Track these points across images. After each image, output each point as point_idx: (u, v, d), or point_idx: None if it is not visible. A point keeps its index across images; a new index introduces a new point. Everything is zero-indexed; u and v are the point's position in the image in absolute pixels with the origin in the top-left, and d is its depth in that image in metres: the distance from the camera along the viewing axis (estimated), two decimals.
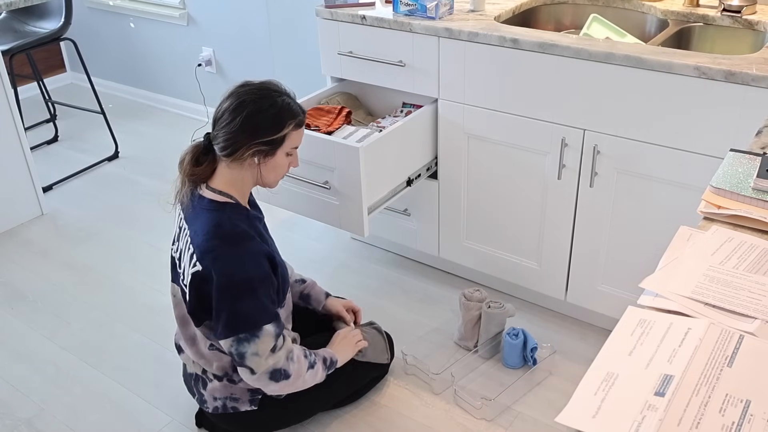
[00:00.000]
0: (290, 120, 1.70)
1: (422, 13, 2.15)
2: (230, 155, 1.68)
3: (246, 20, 3.45)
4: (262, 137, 1.67)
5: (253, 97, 1.67)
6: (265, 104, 1.67)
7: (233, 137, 1.66)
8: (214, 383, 1.83)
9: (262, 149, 1.69)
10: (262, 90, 1.70)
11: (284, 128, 1.69)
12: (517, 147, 2.14)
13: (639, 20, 2.28)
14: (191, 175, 1.72)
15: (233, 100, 1.68)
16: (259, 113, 1.66)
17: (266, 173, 1.74)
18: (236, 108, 1.67)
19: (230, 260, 1.63)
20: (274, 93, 1.70)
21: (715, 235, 1.11)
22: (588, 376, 0.86)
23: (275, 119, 1.68)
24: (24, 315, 2.50)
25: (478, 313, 2.18)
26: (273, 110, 1.68)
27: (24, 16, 3.51)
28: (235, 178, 1.73)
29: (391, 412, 2.04)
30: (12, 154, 2.95)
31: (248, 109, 1.66)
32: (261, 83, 1.73)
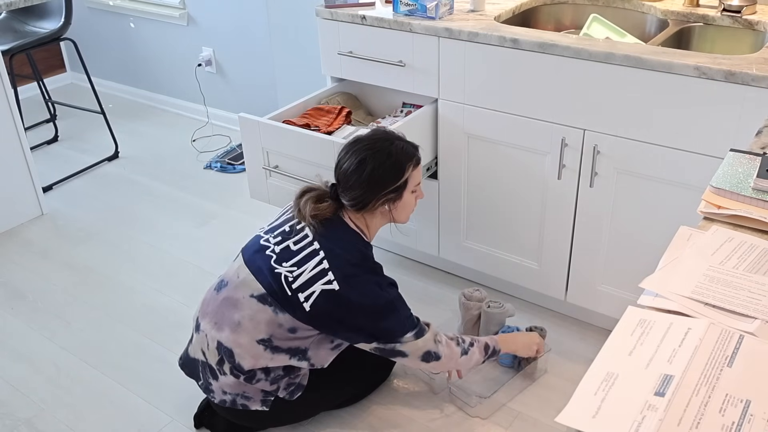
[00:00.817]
0: (408, 163, 1.82)
1: (422, 13, 2.15)
2: (362, 209, 1.82)
3: (246, 20, 3.45)
4: (387, 188, 1.80)
5: (369, 153, 1.78)
6: (383, 156, 1.78)
7: (361, 195, 1.79)
8: (227, 378, 1.81)
9: (390, 197, 1.81)
10: (377, 142, 1.81)
11: (405, 172, 1.82)
12: (517, 147, 2.14)
13: (639, 20, 2.28)
14: (313, 210, 1.80)
15: (352, 160, 1.78)
16: (380, 167, 1.78)
17: (397, 215, 1.88)
18: (357, 168, 1.77)
19: (373, 287, 1.76)
20: (387, 142, 1.81)
21: (715, 235, 1.11)
22: (588, 376, 0.86)
23: (396, 167, 1.80)
24: (24, 315, 2.50)
25: (477, 312, 2.18)
26: (391, 160, 1.79)
27: (24, 16, 3.51)
28: (368, 221, 1.86)
29: (392, 412, 2.04)
30: (12, 154, 2.95)
31: (369, 166, 1.77)
32: (373, 135, 1.84)
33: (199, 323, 1.88)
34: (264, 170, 2.27)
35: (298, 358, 1.80)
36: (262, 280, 1.77)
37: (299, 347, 1.79)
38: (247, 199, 3.11)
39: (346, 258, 1.75)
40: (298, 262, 1.75)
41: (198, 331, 1.88)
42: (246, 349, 1.77)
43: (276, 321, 1.75)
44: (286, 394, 1.84)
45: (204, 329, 1.85)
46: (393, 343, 1.78)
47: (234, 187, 3.27)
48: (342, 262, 1.74)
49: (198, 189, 3.27)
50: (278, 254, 1.78)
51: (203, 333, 1.85)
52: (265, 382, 1.81)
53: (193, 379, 1.92)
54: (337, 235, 1.79)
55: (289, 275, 1.74)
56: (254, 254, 1.83)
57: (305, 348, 1.80)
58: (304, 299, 1.73)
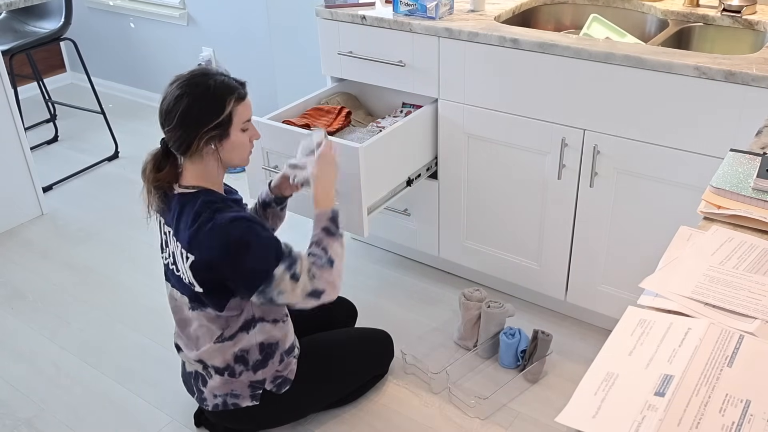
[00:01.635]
0: (229, 96, 1.66)
1: (422, 13, 2.15)
2: (186, 152, 1.67)
3: (246, 20, 3.45)
4: (207, 124, 1.64)
5: (186, 90, 1.64)
6: (199, 91, 1.64)
7: (181, 134, 1.65)
8: (214, 379, 1.82)
9: (213, 134, 1.66)
10: (192, 78, 1.66)
11: (226, 106, 1.66)
12: (517, 147, 2.14)
13: (639, 20, 2.28)
14: (155, 180, 1.72)
15: (169, 99, 1.65)
16: (195, 102, 1.63)
17: (228, 156, 1.71)
18: (174, 104, 1.64)
19: (213, 234, 1.62)
20: (205, 77, 1.66)
21: (715, 235, 1.11)
22: (588, 376, 0.86)
23: (213, 101, 1.64)
24: (24, 315, 2.50)
25: (477, 312, 2.18)
26: (208, 93, 1.64)
27: (24, 16, 3.51)
28: (201, 171, 1.71)
29: (391, 412, 2.04)
30: (12, 154, 2.95)
31: (185, 101, 1.63)
32: (189, 73, 1.68)
33: (177, 344, 1.92)
34: (264, 170, 2.27)
35: (254, 326, 1.77)
36: (182, 289, 1.78)
37: (245, 319, 1.77)
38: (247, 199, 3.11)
39: (187, 223, 1.67)
40: (173, 254, 1.74)
41: (180, 351, 1.92)
42: (211, 353, 1.80)
43: (207, 315, 1.76)
44: (273, 387, 1.84)
45: (182, 347, 1.90)
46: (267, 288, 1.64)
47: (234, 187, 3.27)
48: (183, 231, 1.67)
49: None
50: (172, 261, 1.77)
51: (183, 353, 1.90)
52: (248, 372, 1.81)
53: (191, 394, 1.95)
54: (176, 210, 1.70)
55: (177, 271, 1.75)
56: (167, 272, 1.83)
57: (250, 316, 1.77)
58: (191, 283, 1.71)
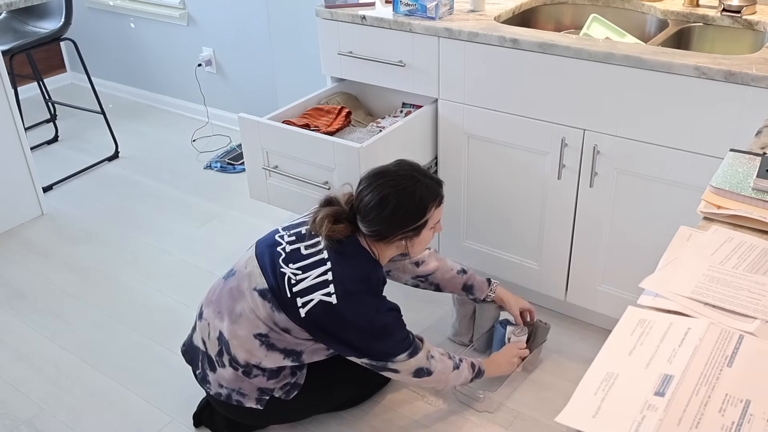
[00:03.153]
0: (431, 203, 1.78)
1: (422, 13, 2.15)
2: (380, 241, 1.78)
3: (246, 20, 3.45)
4: (407, 227, 1.76)
5: (393, 192, 1.73)
6: (406, 195, 1.74)
7: (380, 230, 1.75)
8: (226, 370, 1.80)
9: (409, 234, 1.78)
10: (401, 181, 1.75)
11: (427, 213, 1.78)
12: (517, 147, 2.14)
13: (639, 20, 2.28)
14: (327, 231, 1.75)
15: (374, 195, 1.74)
16: (402, 207, 1.74)
17: (413, 250, 1.84)
18: (379, 204, 1.73)
19: (371, 309, 1.75)
20: (411, 180, 1.76)
21: (715, 235, 1.11)
22: (588, 376, 0.86)
23: (417, 209, 1.76)
24: (24, 315, 2.50)
25: (472, 307, 2.18)
26: (414, 200, 1.75)
27: (24, 16, 3.51)
28: (381, 248, 1.81)
29: (392, 412, 2.03)
30: (12, 154, 2.95)
31: (391, 205, 1.73)
32: (397, 172, 1.77)
33: (202, 311, 1.88)
34: (264, 170, 2.27)
35: (291, 359, 1.79)
36: (267, 276, 1.76)
37: (294, 349, 1.79)
38: (247, 199, 3.11)
39: (350, 275, 1.74)
40: (305, 267, 1.74)
41: (201, 318, 1.88)
42: (242, 341, 1.77)
43: (273, 318, 1.75)
44: (282, 393, 1.84)
45: (207, 317, 1.85)
46: (384, 362, 1.77)
47: (234, 187, 3.27)
48: (345, 278, 1.73)
49: (198, 189, 3.27)
50: (288, 254, 1.77)
51: (206, 321, 1.85)
52: (263, 378, 1.80)
53: (191, 366, 1.92)
54: (348, 252, 1.77)
55: (293, 277, 1.74)
56: (266, 248, 1.82)
57: (300, 351, 1.79)
58: (301, 304, 1.72)
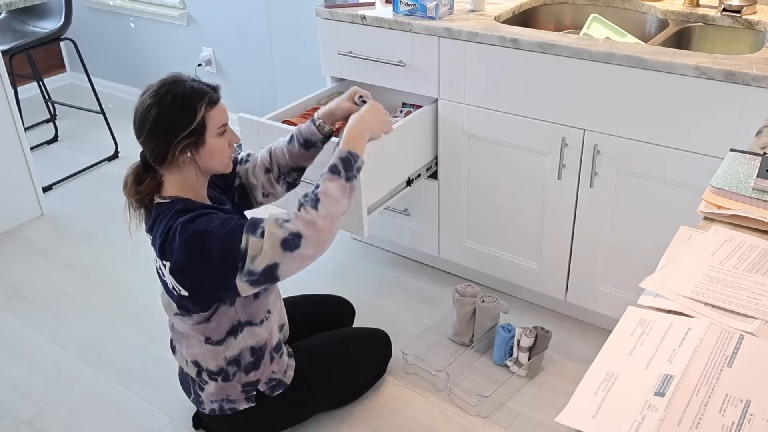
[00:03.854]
0: (199, 102, 1.61)
1: (422, 13, 2.15)
2: (162, 162, 1.64)
3: (246, 20, 3.45)
4: (180, 132, 1.60)
5: (155, 99, 1.60)
6: (168, 99, 1.59)
7: (155, 146, 1.62)
8: (210, 385, 1.81)
9: (188, 142, 1.61)
10: (161, 87, 1.62)
11: (197, 113, 1.60)
12: (517, 147, 2.14)
13: (639, 20, 2.28)
14: (136, 194, 1.69)
15: (140, 109, 1.62)
16: (165, 110, 1.59)
17: (206, 162, 1.66)
18: (145, 116, 1.61)
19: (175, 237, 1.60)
20: (173, 84, 1.62)
21: (715, 235, 1.11)
22: (588, 376, 0.86)
23: (184, 108, 1.60)
24: (24, 315, 2.50)
25: (472, 308, 2.18)
26: (177, 101, 1.59)
27: (24, 16, 3.51)
28: (180, 181, 1.68)
29: (391, 412, 2.04)
30: (12, 154, 2.95)
31: (154, 112, 1.59)
32: (159, 81, 1.64)
33: (171, 344, 1.91)
34: None
35: (241, 331, 1.75)
36: (169, 294, 1.74)
37: (231, 324, 1.74)
38: None
39: (158, 233, 1.64)
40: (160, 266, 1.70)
41: (174, 353, 1.90)
42: (204, 354, 1.78)
43: (192, 321, 1.74)
44: (267, 388, 1.83)
45: (176, 350, 1.88)
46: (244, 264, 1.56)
47: None
48: (156, 241, 1.65)
49: None
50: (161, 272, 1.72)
51: (178, 353, 1.88)
52: (240, 373, 1.79)
53: (186, 394, 1.94)
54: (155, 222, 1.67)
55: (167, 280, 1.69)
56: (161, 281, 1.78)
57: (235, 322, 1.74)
58: (175, 288, 1.67)
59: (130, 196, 1.71)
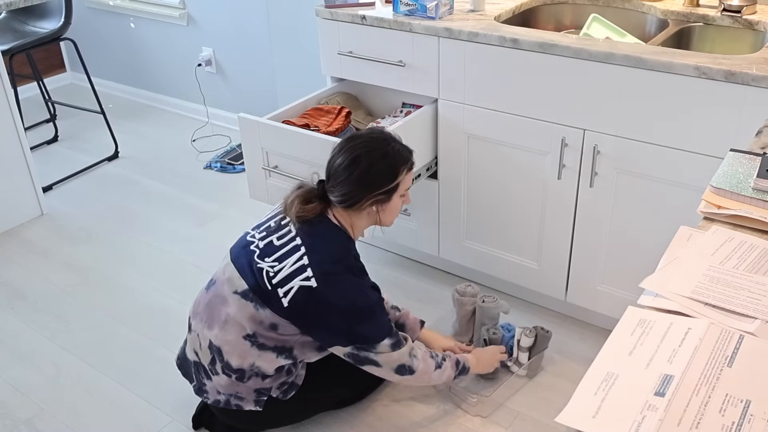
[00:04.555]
0: (403, 166, 1.79)
1: (422, 13, 2.15)
2: (351, 207, 1.77)
3: (246, 20, 3.45)
4: (379, 189, 1.76)
5: (365, 151, 1.75)
6: (377, 156, 1.75)
7: (351, 192, 1.75)
8: (221, 377, 1.80)
9: (380, 198, 1.78)
10: (373, 142, 1.77)
11: (399, 175, 1.79)
12: (517, 147, 2.14)
13: (639, 20, 2.28)
14: (299, 212, 1.77)
15: (346, 156, 1.75)
16: (373, 167, 1.74)
17: (384, 217, 1.84)
18: (351, 164, 1.74)
19: (353, 288, 1.74)
20: (383, 142, 1.78)
21: (715, 235, 1.11)
22: (588, 376, 0.86)
23: (390, 169, 1.77)
24: (24, 315, 2.50)
25: (472, 308, 2.18)
26: (386, 161, 1.76)
27: (24, 16, 3.51)
28: (354, 220, 1.82)
29: (391, 412, 2.03)
30: (12, 154, 2.95)
31: (363, 164, 1.74)
32: (369, 134, 1.81)
33: (191, 323, 1.89)
34: (263, 170, 2.27)
35: (284, 356, 1.78)
36: (246, 276, 1.76)
37: (284, 345, 1.78)
38: (246, 199, 3.11)
39: (327, 254, 1.73)
40: (280, 257, 1.74)
41: (190, 331, 1.88)
42: (233, 346, 1.77)
43: (257, 317, 1.74)
44: (279, 393, 1.84)
45: (195, 329, 1.85)
46: (367, 351, 1.75)
47: (234, 187, 3.27)
48: (321, 258, 1.72)
49: (198, 189, 3.27)
50: (261, 249, 1.77)
51: (195, 333, 1.86)
52: (258, 379, 1.80)
53: (187, 380, 1.93)
54: (320, 232, 1.76)
55: (270, 270, 1.73)
56: (240, 251, 1.82)
57: (290, 346, 1.78)
58: (282, 294, 1.71)
59: (291, 213, 1.78)
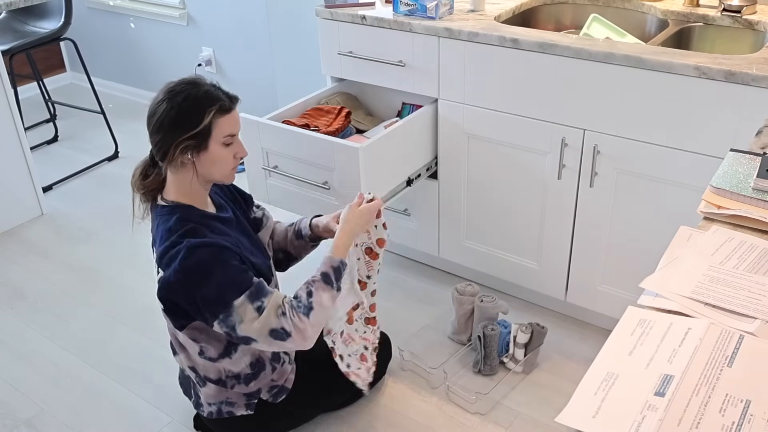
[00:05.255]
0: (210, 107, 1.62)
1: (422, 13, 2.15)
2: (164, 158, 1.66)
3: (246, 20, 3.45)
4: (184, 132, 1.62)
5: (170, 95, 1.63)
6: (180, 98, 1.62)
7: (161, 141, 1.64)
8: (208, 387, 1.81)
9: (190, 144, 1.63)
10: (179, 85, 1.65)
11: (205, 116, 1.62)
12: (517, 147, 2.14)
13: (639, 20, 2.28)
14: (141, 188, 1.73)
15: (153, 103, 1.66)
16: (174, 108, 1.61)
17: (206, 169, 1.67)
18: (155, 110, 1.64)
19: (177, 256, 1.60)
20: (191, 85, 1.65)
21: (715, 235, 1.11)
22: (588, 376, 0.86)
23: (192, 110, 1.62)
24: (24, 315, 2.50)
25: (471, 307, 2.19)
26: (189, 101, 1.62)
27: (24, 16, 3.51)
28: (180, 183, 1.69)
29: (391, 412, 2.04)
30: (12, 154, 2.95)
31: (164, 106, 1.62)
32: (180, 79, 1.67)
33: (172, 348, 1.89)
34: (263, 170, 2.27)
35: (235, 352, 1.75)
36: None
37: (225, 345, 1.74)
38: None
39: (161, 239, 1.65)
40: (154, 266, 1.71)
41: (174, 354, 1.89)
42: (201, 364, 1.78)
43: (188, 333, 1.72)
44: (270, 396, 1.83)
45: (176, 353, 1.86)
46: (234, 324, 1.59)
47: None
48: (159, 246, 1.65)
49: None
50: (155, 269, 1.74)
51: (177, 357, 1.86)
52: (241, 385, 1.79)
53: (187, 396, 1.93)
54: (156, 221, 1.69)
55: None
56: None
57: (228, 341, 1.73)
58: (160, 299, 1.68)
59: (136, 188, 1.75)
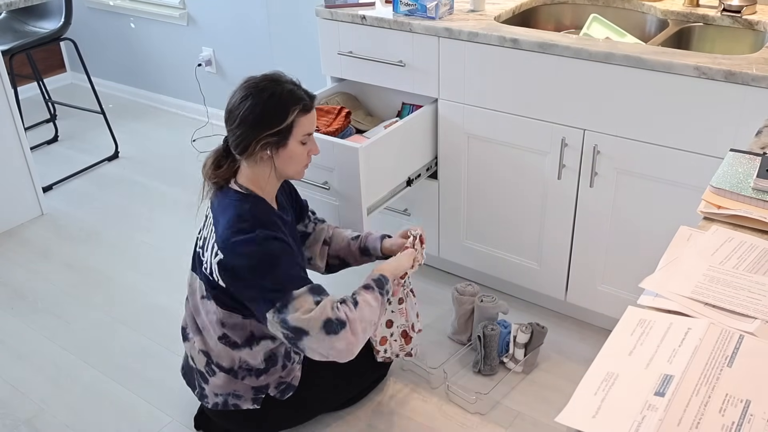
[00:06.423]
0: (294, 106, 1.68)
1: (422, 13, 2.15)
2: (243, 153, 1.70)
3: (246, 20, 3.45)
4: (267, 129, 1.66)
5: (254, 90, 1.67)
6: (266, 95, 1.67)
7: (242, 135, 1.68)
8: (218, 377, 1.81)
9: (271, 141, 1.68)
10: (263, 81, 1.69)
11: (289, 115, 1.67)
12: (517, 147, 2.14)
13: (639, 20, 2.28)
14: (212, 177, 1.76)
15: (236, 98, 1.69)
16: (259, 104, 1.66)
17: (282, 165, 1.73)
18: (239, 104, 1.67)
19: (248, 244, 1.63)
20: (274, 83, 1.69)
21: (715, 235, 1.11)
22: (588, 376, 0.86)
23: (278, 108, 1.67)
24: (24, 315, 2.50)
25: (470, 307, 2.19)
26: (274, 99, 1.67)
27: (24, 16, 3.51)
28: (255, 175, 1.73)
29: (391, 412, 2.04)
30: (12, 154, 2.95)
31: (250, 103, 1.66)
32: (263, 75, 1.72)
33: (185, 333, 1.91)
34: None
35: (261, 343, 1.77)
36: (201, 277, 1.77)
37: (252, 334, 1.76)
38: None
39: (227, 222, 1.67)
40: (206, 240, 1.75)
41: (186, 339, 1.91)
42: (215, 350, 1.79)
43: (216, 315, 1.75)
44: (277, 393, 1.84)
45: (189, 337, 1.88)
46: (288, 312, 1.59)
47: None
48: (223, 229, 1.67)
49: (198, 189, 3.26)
50: (201, 245, 1.78)
51: (190, 341, 1.88)
52: (252, 378, 1.80)
53: (190, 387, 1.94)
54: (223, 204, 1.72)
55: (205, 262, 1.74)
56: (193, 256, 1.84)
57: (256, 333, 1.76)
58: (213, 275, 1.70)
59: (207, 177, 1.77)
